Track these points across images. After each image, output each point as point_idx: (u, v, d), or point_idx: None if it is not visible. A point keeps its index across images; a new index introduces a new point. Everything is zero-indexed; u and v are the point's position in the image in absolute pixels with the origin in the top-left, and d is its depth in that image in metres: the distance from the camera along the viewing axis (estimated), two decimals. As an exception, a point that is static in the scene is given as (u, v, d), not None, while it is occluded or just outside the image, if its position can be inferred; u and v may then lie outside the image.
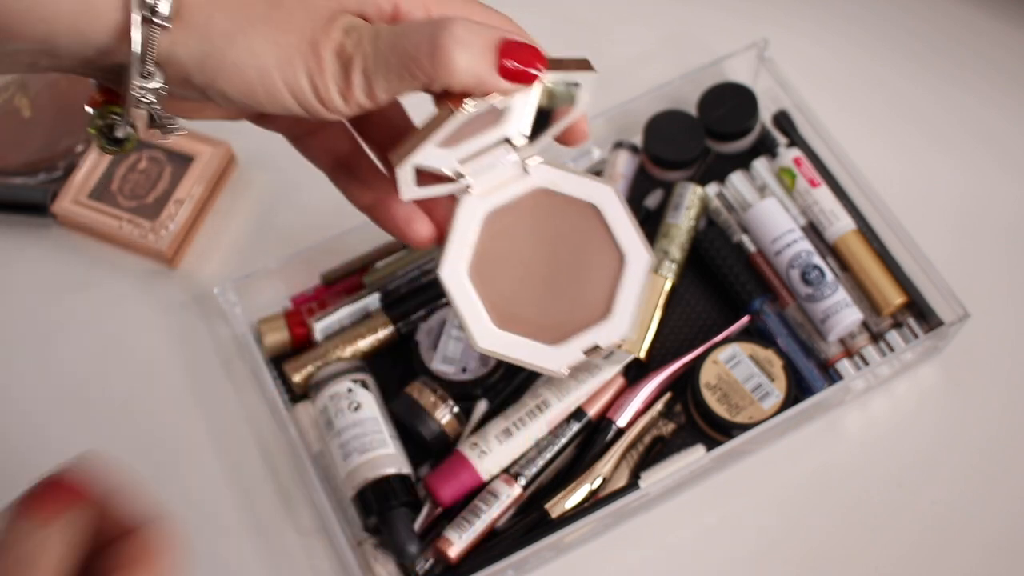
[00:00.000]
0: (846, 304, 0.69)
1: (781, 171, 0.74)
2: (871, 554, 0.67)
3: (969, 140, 0.79)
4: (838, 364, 0.70)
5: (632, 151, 0.77)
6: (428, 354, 0.70)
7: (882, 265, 0.71)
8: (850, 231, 0.72)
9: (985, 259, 0.75)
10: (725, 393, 0.68)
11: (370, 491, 0.66)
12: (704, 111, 0.77)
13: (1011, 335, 0.72)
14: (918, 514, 0.67)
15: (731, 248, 0.73)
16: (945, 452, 0.69)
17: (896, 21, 0.84)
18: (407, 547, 0.65)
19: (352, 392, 0.68)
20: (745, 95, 0.76)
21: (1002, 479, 0.68)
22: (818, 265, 0.70)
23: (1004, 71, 0.82)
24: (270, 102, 0.42)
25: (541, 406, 0.67)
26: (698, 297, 0.73)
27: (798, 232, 0.72)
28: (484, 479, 0.67)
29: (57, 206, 0.78)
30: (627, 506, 0.66)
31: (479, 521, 0.65)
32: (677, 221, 0.73)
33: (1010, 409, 0.70)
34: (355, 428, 0.67)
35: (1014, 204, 0.76)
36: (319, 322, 0.72)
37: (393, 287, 0.73)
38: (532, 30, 0.45)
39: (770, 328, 0.71)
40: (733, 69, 0.77)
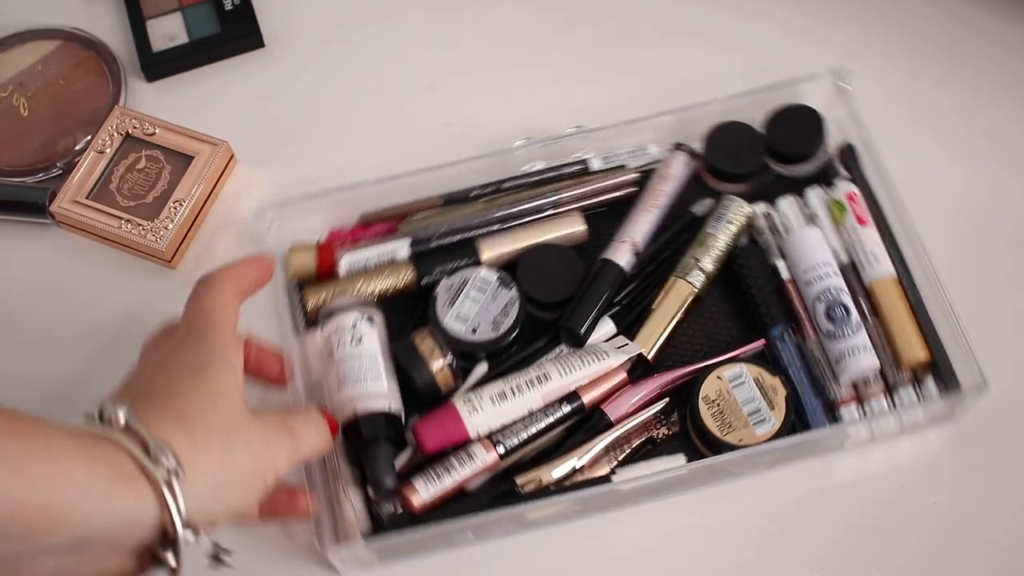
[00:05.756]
0: (865, 348, 0.68)
1: (833, 203, 0.73)
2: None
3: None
4: (845, 408, 0.68)
5: (690, 155, 0.76)
6: (443, 309, 0.71)
7: (913, 318, 0.69)
8: (889, 277, 0.70)
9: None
10: (721, 410, 0.67)
11: (357, 422, 0.67)
12: (770, 129, 0.76)
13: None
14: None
15: (765, 270, 0.72)
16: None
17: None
18: (383, 480, 0.65)
19: (357, 326, 0.69)
20: (814, 120, 0.75)
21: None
22: (845, 304, 0.69)
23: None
24: (269, 485, 0.57)
25: (542, 377, 0.68)
26: (722, 312, 0.73)
27: (833, 267, 0.70)
28: (471, 435, 0.67)
29: (56, 206, 0.77)
30: (598, 498, 0.66)
31: (448, 477, 0.66)
32: (716, 232, 0.72)
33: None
34: (353, 360, 0.68)
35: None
36: (346, 255, 0.73)
37: (425, 238, 0.74)
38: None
39: (784, 357, 0.70)
40: (807, 93, 0.76)
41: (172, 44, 0.85)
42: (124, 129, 0.80)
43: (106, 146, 0.79)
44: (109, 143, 0.79)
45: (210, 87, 0.85)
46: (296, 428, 0.60)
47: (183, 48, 0.85)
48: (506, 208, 0.74)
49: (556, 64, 0.84)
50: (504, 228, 0.74)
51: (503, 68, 0.84)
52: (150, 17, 0.86)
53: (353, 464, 0.68)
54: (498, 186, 0.76)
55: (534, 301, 0.72)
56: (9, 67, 0.84)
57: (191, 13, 0.86)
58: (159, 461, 0.49)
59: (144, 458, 0.49)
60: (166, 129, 0.80)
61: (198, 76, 0.85)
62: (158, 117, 0.80)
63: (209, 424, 0.54)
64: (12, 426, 0.47)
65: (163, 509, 0.49)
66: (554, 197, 0.75)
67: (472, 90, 0.83)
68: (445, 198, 0.76)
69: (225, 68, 0.85)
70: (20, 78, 0.84)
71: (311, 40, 0.86)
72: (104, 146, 0.79)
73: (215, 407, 0.55)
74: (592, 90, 0.82)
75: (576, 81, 0.83)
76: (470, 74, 0.84)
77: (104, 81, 0.84)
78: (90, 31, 0.86)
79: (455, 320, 0.70)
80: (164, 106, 0.83)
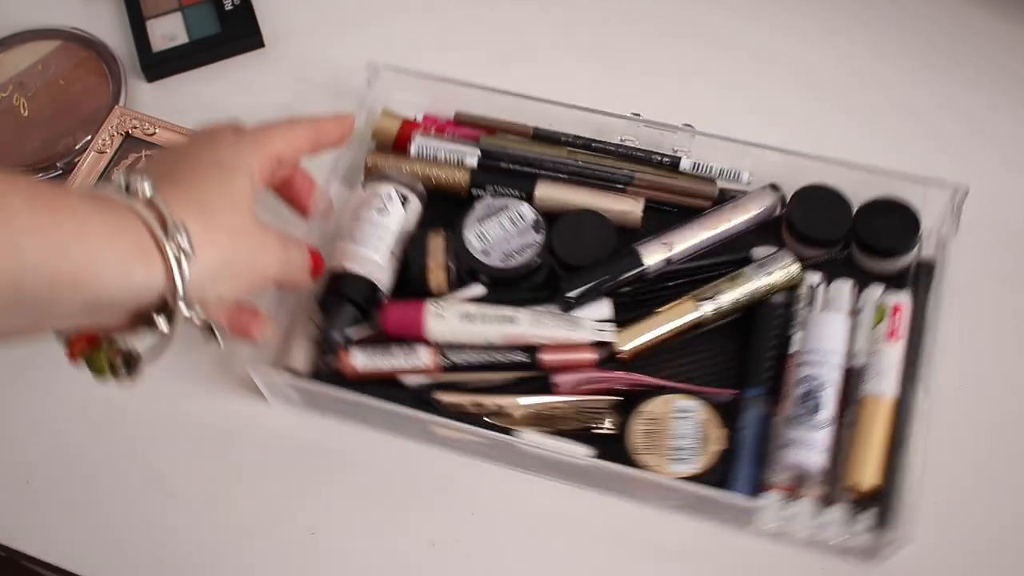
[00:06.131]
0: (815, 448, 0.65)
1: (879, 306, 0.70)
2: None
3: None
4: (772, 493, 0.66)
5: (780, 202, 0.74)
6: (471, 221, 0.73)
7: (885, 447, 0.66)
8: (885, 398, 0.67)
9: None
10: (652, 431, 0.67)
11: (341, 275, 0.71)
12: (863, 213, 0.73)
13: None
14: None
15: (781, 334, 0.70)
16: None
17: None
18: (335, 335, 0.70)
19: (390, 199, 0.73)
20: (910, 227, 0.71)
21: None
22: (823, 398, 0.66)
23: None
24: (253, 288, 0.62)
25: (511, 319, 0.69)
26: (720, 350, 0.72)
27: (837, 361, 0.68)
28: (425, 336, 0.70)
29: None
30: (498, 445, 0.67)
31: (386, 360, 0.69)
32: (751, 276, 0.71)
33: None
34: (367, 225, 0.72)
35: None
36: (420, 138, 0.77)
37: (497, 155, 0.76)
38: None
39: (745, 419, 0.68)
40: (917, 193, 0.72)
41: (172, 44, 0.85)
42: (124, 129, 0.81)
43: (106, 146, 0.80)
44: (109, 143, 0.80)
45: (210, 87, 0.85)
46: (291, 251, 0.65)
47: (183, 48, 0.85)
48: (583, 164, 0.75)
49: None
50: (569, 180, 0.75)
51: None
52: (150, 17, 0.87)
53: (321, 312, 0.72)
54: (589, 142, 0.77)
55: (557, 257, 0.73)
56: (9, 67, 0.85)
57: (191, 13, 0.86)
58: (174, 238, 0.54)
59: (161, 233, 0.54)
60: (166, 129, 0.81)
61: (198, 76, 0.86)
62: (158, 117, 0.82)
63: (223, 217, 0.59)
64: (46, 201, 0.51)
65: (168, 282, 0.54)
66: (631, 175, 0.75)
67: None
68: (536, 131, 0.77)
69: (225, 68, 0.86)
70: (20, 78, 0.84)
71: (311, 40, 0.86)
72: (104, 146, 0.80)
73: (232, 204, 0.60)
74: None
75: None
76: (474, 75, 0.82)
77: (104, 81, 0.84)
78: (90, 31, 0.87)
79: (475, 236, 0.73)
80: (164, 106, 0.84)
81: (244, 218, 0.61)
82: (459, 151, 0.76)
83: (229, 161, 0.62)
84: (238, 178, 0.61)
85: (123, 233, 0.53)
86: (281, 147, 0.65)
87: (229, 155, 0.62)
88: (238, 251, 0.60)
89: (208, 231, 0.57)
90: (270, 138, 0.65)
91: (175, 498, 0.70)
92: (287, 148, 0.66)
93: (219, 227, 0.58)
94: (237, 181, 0.61)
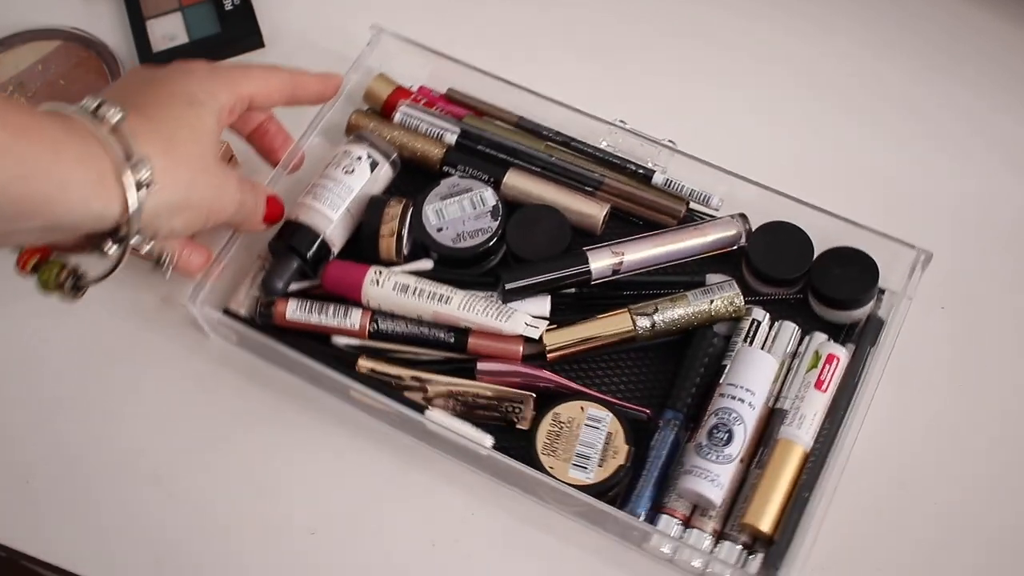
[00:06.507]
0: (716, 481, 0.65)
1: (815, 353, 0.69)
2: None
3: None
4: (668, 517, 0.66)
5: (746, 233, 0.73)
6: (433, 197, 0.74)
7: (788, 494, 0.65)
8: (798, 445, 0.66)
9: None
10: (559, 435, 0.67)
11: (291, 226, 0.72)
12: (823, 260, 0.71)
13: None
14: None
15: (711, 363, 0.69)
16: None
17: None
18: (273, 283, 0.71)
19: (360, 160, 0.74)
20: (869, 282, 0.70)
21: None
22: (732, 432, 0.65)
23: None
24: (206, 226, 0.64)
25: (443, 298, 0.70)
26: (650, 366, 0.71)
27: (755, 399, 0.67)
28: (361, 300, 0.70)
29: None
30: (407, 421, 0.68)
31: (316, 315, 0.70)
32: (692, 300, 0.70)
33: None
34: (330, 182, 0.73)
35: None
36: (406, 107, 0.77)
37: (476, 137, 0.76)
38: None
39: (656, 439, 0.68)
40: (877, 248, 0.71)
41: (172, 44, 0.85)
42: None
43: None
44: None
45: None
46: (247, 193, 0.67)
47: (183, 48, 0.84)
48: (557, 160, 0.75)
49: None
50: (540, 174, 0.75)
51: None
52: (150, 17, 0.86)
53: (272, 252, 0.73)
54: (568, 140, 0.76)
55: (508, 246, 0.73)
56: (9, 67, 0.84)
57: (191, 13, 0.86)
58: (137, 171, 0.56)
59: (124, 164, 0.55)
60: None
61: None
62: None
63: (188, 154, 0.61)
64: (17, 122, 0.52)
65: (125, 212, 0.56)
66: (602, 179, 0.75)
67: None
68: (520, 120, 0.77)
69: None
70: (20, 78, 0.84)
71: (311, 40, 0.86)
72: None
73: (197, 141, 0.62)
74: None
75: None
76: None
77: (104, 81, 0.84)
78: (90, 31, 0.86)
79: (433, 212, 0.73)
80: None
81: (207, 155, 0.62)
82: (441, 127, 0.77)
83: (199, 95, 0.63)
84: (206, 114, 0.63)
85: (87, 162, 0.55)
86: (254, 89, 0.66)
87: (199, 90, 0.63)
88: (197, 187, 0.61)
89: (171, 165, 0.58)
90: (245, 78, 0.66)
91: (174, 498, 0.70)
92: (260, 92, 0.67)
93: (182, 162, 0.60)
94: (205, 117, 0.63)
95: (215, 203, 0.63)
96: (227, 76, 0.65)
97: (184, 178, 0.60)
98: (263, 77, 0.67)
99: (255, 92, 0.66)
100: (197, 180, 0.61)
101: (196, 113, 0.62)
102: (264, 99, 0.68)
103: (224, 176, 0.64)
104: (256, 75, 0.67)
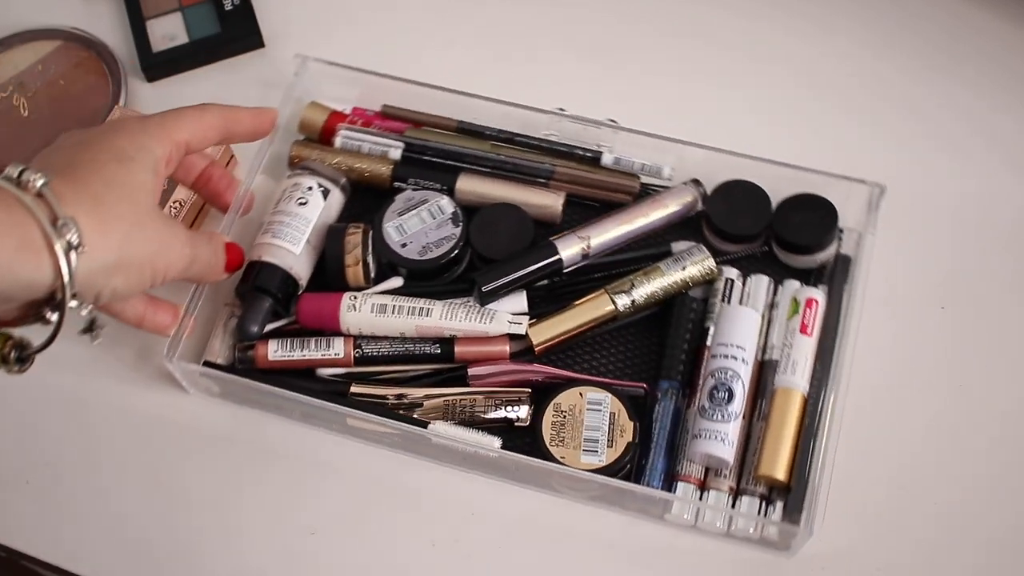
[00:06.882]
0: (724, 440, 0.66)
1: (792, 300, 0.70)
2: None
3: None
4: (684, 484, 0.66)
5: (701, 197, 0.74)
6: (391, 214, 0.73)
7: (795, 439, 0.66)
8: (796, 390, 0.67)
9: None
10: (563, 423, 0.67)
11: (257, 267, 0.71)
12: (782, 209, 0.73)
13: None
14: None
15: (695, 328, 0.70)
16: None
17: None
18: (249, 326, 0.70)
19: (310, 191, 0.73)
20: (829, 222, 0.72)
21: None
22: (732, 390, 0.67)
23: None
24: (156, 283, 0.62)
25: (424, 311, 0.69)
26: (635, 343, 0.72)
27: (746, 354, 0.68)
28: (341, 328, 0.70)
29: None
30: (412, 438, 0.67)
31: (300, 351, 0.69)
32: (666, 271, 0.71)
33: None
34: (286, 216, 0.72)
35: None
36: (345, 130, 0.77)
37: (420, 148, 0.76)
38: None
39: (657, 411, 0.68)
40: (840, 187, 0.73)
41: (172, 44, 0.85)
42: None
43: None
44: None
45: (210, 87, 0.84)
46: (198, 245, 0.65)
47: (183, 48, 0.85)
48: (505, 158, 0.76)
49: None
50: (491, 174, 0.76)
51: (515, 63, 0.84)
52: (150, 17, 0.86)
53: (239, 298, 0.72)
54: (512, 136, 0.77)
55: (475, 249, 0.73)
56: (9, 67, 0.84)
57: (191, 13, 0.86)
58: (63, 234, 0.54)
59: (49, 228, 0.54)
60: None
61: (198, 76, 0.85)
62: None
63: (119, 212, 0.59)
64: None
65: (57, 277, 0.54)
66: (552, 169, 0.75)
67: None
68: (461, 124, 0.78)
69: (225, 68, 0.85)
70: (20, 78, 0.84)
71: (311, 40, 0.85)
72: None
73: (130, 197, 0.60)
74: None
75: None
76: (476, 74, 0.82)
77: (104, 81, 0.84)
78: (90, 31, 0.86)
79: (394, 229, 0.73)
80: (164, 106, 0.80)
81: (143, 211, 0.60)
82: (383, 144, 0.77)
83: (129, 151, 0.61)
84: (139, 169, 0.61)
85: (11, 228, 0.53)
86: (187, 134, 0.65)
87: (129, 145, 0.62)
88: (133, 245, 0.59)
89: (101, 225, 0.57)
90: (177, 124, 0.65)
91: (174, 498, 0.70)
92: (194, 136, 0.65)
93: (113, 221, 0.58)
94: (137, 173, 0.61)
95: (158, 259, 0.61)
96: (158, 126, 0.64)
97: (116, 237, 0.58)
98: (195, 119, 0.66)
99: (190, 136, 0.65)
100: (132, 238, 0.59)
101: (127, 169, 0.60)
102: (200, 141, 0.66)
103: (167, 231, 0.62)
104: (187, 118, 0.66)
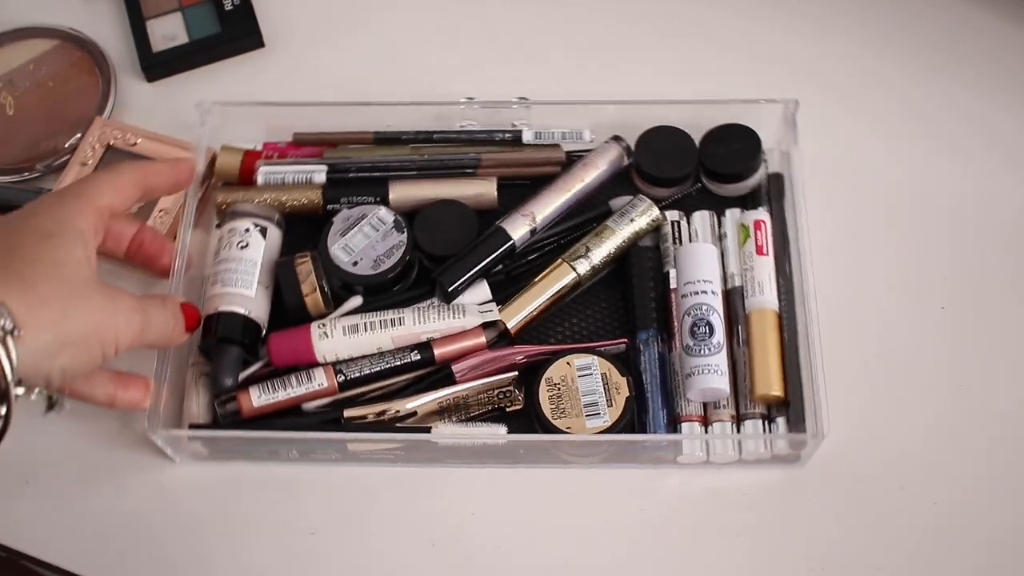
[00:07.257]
0: (718, 371, 0.67)
1: (741, 226, 0.72)
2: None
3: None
4: (688, 424, 0.68)
5: (623, 151, 0.76)
6: (334, 237, 0.73)
7: (779, 354, 0.68)
8: (769, 309, 0.69)
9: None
10: (560, 395, 0.68)
11: (215, 319, 0.69)
12: (707, 144, 0.75)
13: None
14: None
15: (656, 275, 0.72)
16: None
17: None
18: (223, 379, 0.68)
19: (248, 232, 0.72)
20: (752, 144, 0.74)
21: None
22: (711, 323, 0.68)
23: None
24: (107, 356, 0.59)
25: (396, 321, 0.69)
26: (602, 304, 0.73)
27: (714, 286, 0.70)
28: (317, 358, 0.69)
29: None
30: (419, 448, 0.67)
31: (283, 392, 0.68)
32: (615, 228, 0.72)
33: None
34: (232, 263, 0.71)
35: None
36: (264, 166, 0.76)
37: (343, 168, 0.76)
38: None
39: (643, 362, 0.70)
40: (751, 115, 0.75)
41: (172, 44, 0.84)
42: (106, 141, 0.79)
43: (88, 158, 0.78)
44: (91, 155, 0.78)
45: (210, 87, 0.84)
46: (149, 310, 0.63)
47: (183, 48, 0.84)
48: (429, 157, 0.76)
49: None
50: (420, 176, 0.76)
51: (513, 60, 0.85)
52: (150, 17, 0.86)
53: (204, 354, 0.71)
54: (430, 135, 0.77)
55: (424, 251, 0.73)
56: (0, 64, 0.84)
57: (191, 13, 0.86)
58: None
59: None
60: (148, 139, 0.79)
61: (198, 76, 0.85)
62: (139, 126, 0.80)
63: (50, 289, 0.57)
64: None
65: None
66: (478, 157, 0.76)
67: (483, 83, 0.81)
68: (377, 135, 0.78)
69: (225, 68, 0.85)
70: (10, 76, 0.83)
71: (311, 40, 0.86)
72: (86, 158, 0.78)
73: (59, 274, 0.58)
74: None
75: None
76: (475, 71, 0.83)
77: (95, 83, 0.83)
78: (90, 31, 0.86)
79: (341, 250, 0.72)
80: (164, 106, 0.83)
81: (79, 284, 0.58)
82: (306, 171, 0.76)
83: (50, 228, 0.59)
84: (64, 244, 0.59)
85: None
86: (108, 198, 0.63)
87: (48, 221, 0.60)
88: (72, 320, 0.57)
89: (34, 306, 0.55)
90: (96, 190, 0.63)
91: (174, 499, 0.69)
92: (115, 198, 0.64)
93: (47, 299, 0.56)
94: (63, 248, 0.59)
95: (104, 331, 0.59)
96: (75, 197, 0.62)
97: (49, 316, 0.56)
98: (111, 182, 0.64)
99: (111, 200, 0.63)
100: (69, 313, 0.57)
101: (51, 245, 0.58)
102: (122, 202, 0.64)
103: (109, 301, 0.60)
104: (104, 183, 0.64)
